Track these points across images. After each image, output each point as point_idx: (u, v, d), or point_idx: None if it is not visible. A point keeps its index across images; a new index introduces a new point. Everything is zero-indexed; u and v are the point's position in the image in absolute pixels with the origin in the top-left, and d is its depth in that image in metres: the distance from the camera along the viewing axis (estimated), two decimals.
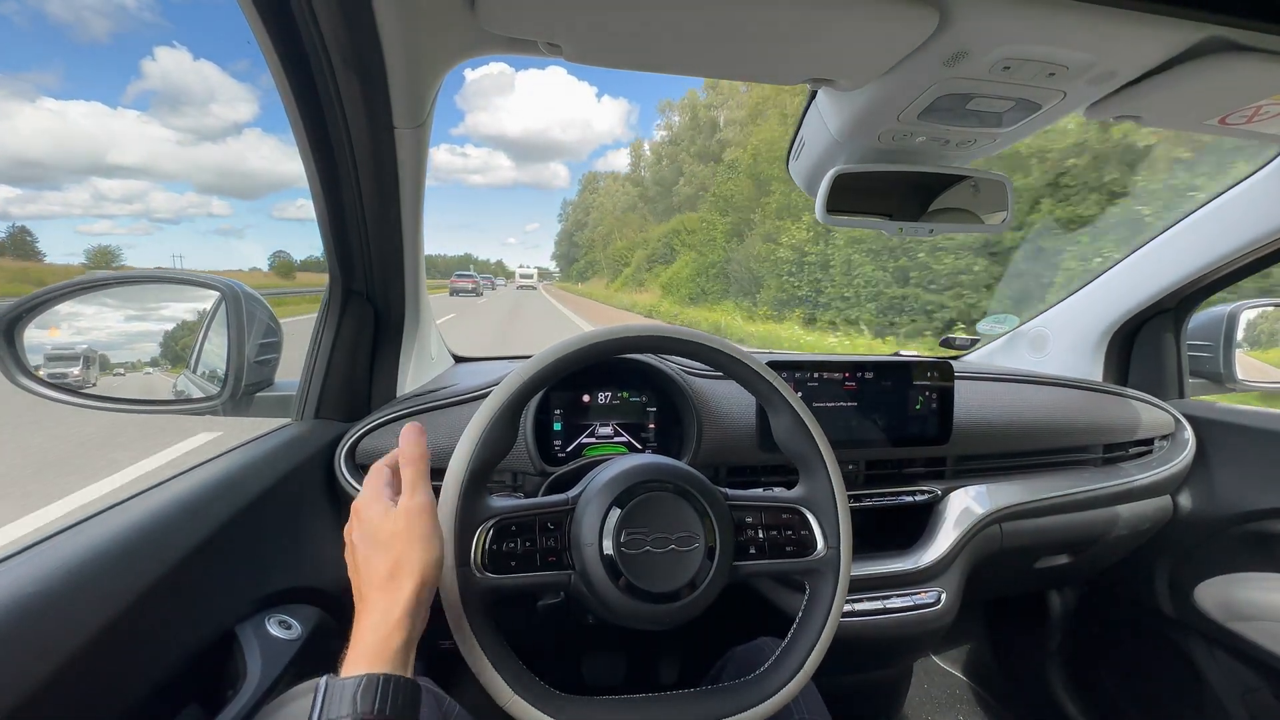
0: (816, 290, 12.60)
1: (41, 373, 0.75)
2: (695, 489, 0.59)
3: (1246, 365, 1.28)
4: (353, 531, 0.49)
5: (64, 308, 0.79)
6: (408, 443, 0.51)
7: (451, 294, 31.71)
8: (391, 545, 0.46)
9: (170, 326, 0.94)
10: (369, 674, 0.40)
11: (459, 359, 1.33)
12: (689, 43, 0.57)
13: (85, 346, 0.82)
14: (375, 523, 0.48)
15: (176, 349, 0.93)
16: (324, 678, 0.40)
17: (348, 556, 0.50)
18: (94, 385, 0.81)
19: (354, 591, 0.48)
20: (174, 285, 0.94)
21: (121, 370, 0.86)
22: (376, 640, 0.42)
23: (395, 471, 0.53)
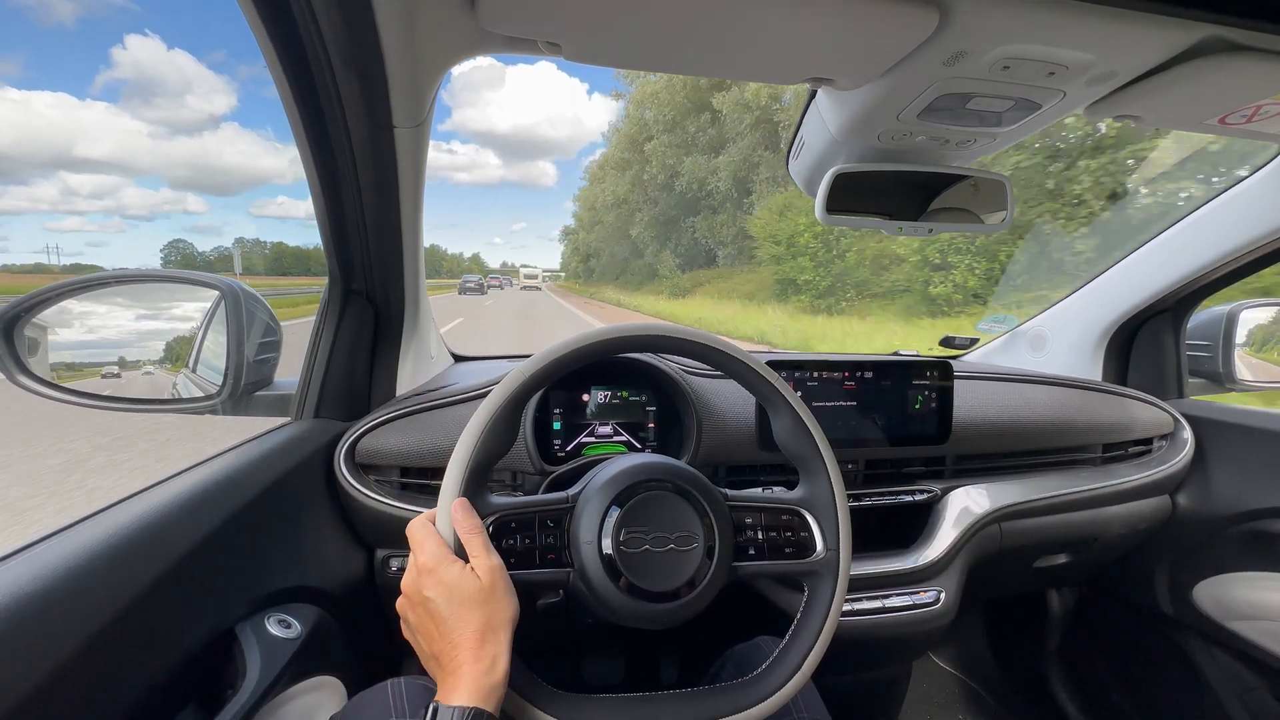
0: None
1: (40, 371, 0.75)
2: (695, 488, 0.59)
3: (1246, 365, 1.29)
4: (425, 589, 0.51)
5: (72, 305, 0.79)
6: (462, 515, 0.54)
7: (460, 293, 39.17)
8: (480, 602, 0.50)
9: (167, 326, 0.94)
10: (477, 708, 0.46)
11: (458, 358, 1.34)
12: (689, 42, 0.57)
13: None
14: (456, 582, 0.50)
15: (176, 349, 0.93)
16: (433, 703, 0.46)
17: (411, 610, 0.52)
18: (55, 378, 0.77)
19: (432, 639, 0.50)
20: (173, 284, 0.94)
21: (116, 370, 0.85)
22: (487, 683, 0.47)
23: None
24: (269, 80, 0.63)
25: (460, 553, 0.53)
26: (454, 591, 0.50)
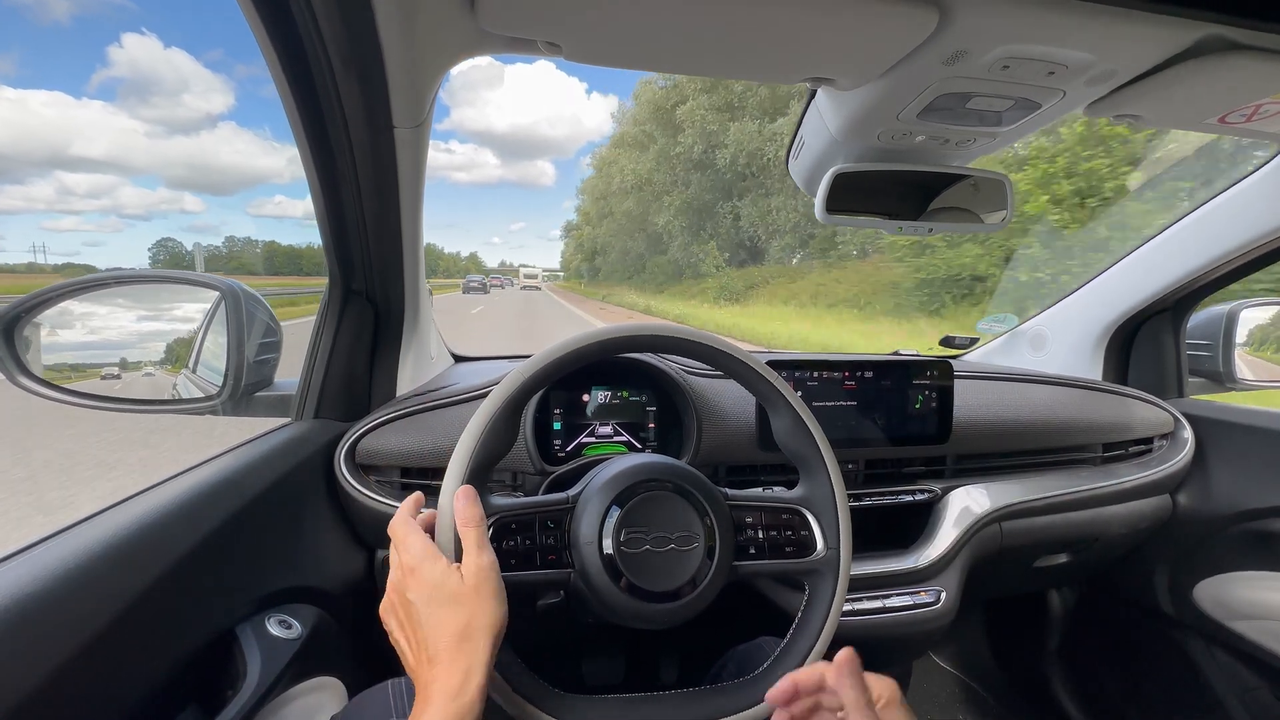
0: None
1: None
2: (695, 488, 0.59)
3: (1247, 364, 1.29)
4: (407, 590, 0.48)
5: (73, 306, 0.79)
6: (462, 505, 0.51)
7: (464, 291, 40.50)
8: (462, 603, 0.46)
9: (167, 327, 0.94)
10: None
11: (459, 358, 1.34)
12: (688, 42, 0.57)
13: None
14: (438, 580, 0.47)
15: (176, 350, 0.93)
16: None
17: (394, 614, 0.50)
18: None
19: (412, 648, 0.47)
20: (173, 285, 0.94)
21: (117, 370, 0.85)
22: (456, 708, 0.43)
23: (431, 530, 0.53)
24: (267, 79, 0.63)
25: (458, 547, 0.50)
26: (435, 592, 0.47)
